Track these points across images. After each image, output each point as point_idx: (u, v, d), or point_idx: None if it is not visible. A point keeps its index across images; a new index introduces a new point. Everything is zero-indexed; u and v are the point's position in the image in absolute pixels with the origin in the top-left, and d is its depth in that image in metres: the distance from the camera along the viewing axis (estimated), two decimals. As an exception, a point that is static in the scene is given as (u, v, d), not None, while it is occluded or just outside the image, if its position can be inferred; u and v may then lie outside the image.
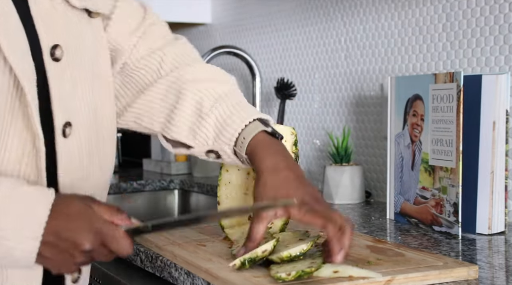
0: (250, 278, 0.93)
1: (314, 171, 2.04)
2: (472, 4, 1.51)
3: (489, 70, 1.48)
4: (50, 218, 0.84)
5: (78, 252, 0.84)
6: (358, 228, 1.38)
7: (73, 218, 0.85)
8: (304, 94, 2.08)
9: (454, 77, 1.27)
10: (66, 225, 0.84)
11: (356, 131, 1.87)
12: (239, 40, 2.42)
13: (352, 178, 1.70)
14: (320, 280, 0.91)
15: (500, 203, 1.29)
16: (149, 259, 1.18)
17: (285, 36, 2.16)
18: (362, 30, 1.84)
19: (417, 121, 1.39)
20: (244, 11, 2.39)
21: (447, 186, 1.29)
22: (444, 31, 1.59)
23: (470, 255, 1.12)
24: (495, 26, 1.46)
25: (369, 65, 1.82)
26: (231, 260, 0.99)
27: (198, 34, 2.72)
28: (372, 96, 1.82)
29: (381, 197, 1.78)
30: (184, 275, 1.06)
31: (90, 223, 0.85)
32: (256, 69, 2.20)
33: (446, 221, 1.29)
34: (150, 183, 2.26)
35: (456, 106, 1.26)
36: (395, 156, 1.47)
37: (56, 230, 0.83)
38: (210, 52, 2.15)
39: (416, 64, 1.67)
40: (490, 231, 1.28)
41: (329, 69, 1.97)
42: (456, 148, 1.26)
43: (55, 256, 0.85)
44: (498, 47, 1.45)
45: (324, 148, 2.00)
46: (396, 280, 0.92)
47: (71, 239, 0.84)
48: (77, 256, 0.85)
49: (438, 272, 0.95)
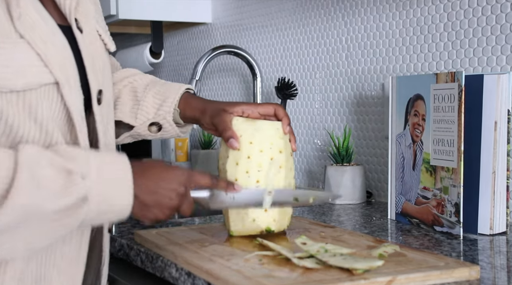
0: (250, 278, 0.93)
1: (315, 171, 2.03)
2: (474, 4, 1.51)
3: (490, 69, 1.47)
4: (138, 175, 0.93)
5: (175, 195, 0.96)
6: (359, 229, 1.37)
7: (159, 170, 0.97)
8: (305, 94, 2.08)
9: (456, 77, 1.27)
10: (157, 175, 0.96)
11: (357, 131, 1.87)
12: (240, 39, 2.42)
13: (353, 178, 1.70)
14: (320, 280, 0.91)
15: (502, 203, 1.29)
16: (149, 259, 1.17)
17: (286, 36, 2.16)
18: (363, 30, 1.83)
19: (418, 121, 1.38)
20: (245, 10, 2.38)
21: (448, 186, 1.28)
22: (446, 31, 1.58)
23: (472, 256, 1.12)
24: (497, 26, 1.45)
25: (370, 65, 1.82)
26: (232, 260, 0.99)
27: (199, 34, 2.71)
28: (373, 96, 1.82)
29: (382, 197, 1.78)
30: (185, 275, 1.05)
31: (179, 173, 0.98)
32: (257, 68, 2.19)
33: (448, 221, 1.29)
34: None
35: (458, 106, 1.26)
36: (396, 156, 1.47)
37: (146, 183, 0.95)
38: (211, 51, 2.15)
39: (418, 63, 1.66)
40: (491, 232, 1.28)
41: (330, 69, 1.97)
42: (457, 148, 1.26)
43: (153, 204, 0.95)
44: (500, 46, 1.45)
45: (325, 148, 1.99)
46: (397, 280, 0.92)
47: (167, 187, 0.96)
48: (173, 200, 0.96)
49: (439, 273, 0.95)
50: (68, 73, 0.95)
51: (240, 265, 1.00)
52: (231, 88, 2.50)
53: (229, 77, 2.51)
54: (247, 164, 1.15)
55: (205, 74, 2.65)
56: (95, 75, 1.02)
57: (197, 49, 2.74)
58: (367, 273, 0.93)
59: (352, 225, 1.41)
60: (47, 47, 0.92)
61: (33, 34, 0.91)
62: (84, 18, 1.02)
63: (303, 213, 1.56)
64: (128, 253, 1.26)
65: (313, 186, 2.04)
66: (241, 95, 2.43)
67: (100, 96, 1.03)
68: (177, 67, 2.92)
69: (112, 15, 2.48)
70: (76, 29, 1.00)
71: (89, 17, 1.04)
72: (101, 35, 1.08)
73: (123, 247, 1.28)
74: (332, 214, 1.55)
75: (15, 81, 0.88)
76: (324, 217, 1.52)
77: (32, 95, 0.91)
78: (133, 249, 1.24)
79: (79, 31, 1.01)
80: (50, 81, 0.92)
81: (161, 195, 0.96)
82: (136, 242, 1.26)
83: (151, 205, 0.95)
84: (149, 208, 0.95)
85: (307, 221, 1.37)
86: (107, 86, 1.07)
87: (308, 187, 2.06)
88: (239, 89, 2.45)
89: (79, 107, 0.96)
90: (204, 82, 2.67)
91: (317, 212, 1.59)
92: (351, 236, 1.21)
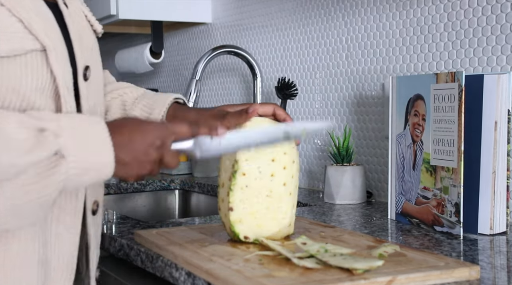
0: (250, 278, 0.93)
1: (315, 171, 2.03)
2: (474, 4, 1.51)
3: (490, 69, 1.47)
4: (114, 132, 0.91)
5: (153, 149, 0.94)
6: (359, 229, 1.37)
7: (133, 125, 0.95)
8: (305, 94, 2.08)
9: (456, 77, 1.27)
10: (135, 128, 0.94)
11: (357, 131, 1.87)
12: (240, 39, 2.42)
13: (353, 178, 1.70)
14: (320, 280, 0.91)
15: (502, 203, 1.28)
16: (149, 259, 1.17)
17: (286, 36, 2.16)
18: (364, 30, 1.83)
19: (418, 121, 1.38)
20: (245, 10, 2.38)
21: (448, 186, 1.28)
22: (446, 31, 1.58)
23: (472, 256, 1.12)
24: (497, 26, 1.45)
25: (371, 65, 1.82)
26: (232, 260, 0.99)
27: (199, 34, 2.71)
28: (373, 96, 1.82)
29: (382, 197, 1.78)
30: (185, 275, 1.05)
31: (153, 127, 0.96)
32: (257, 68, 2.19)
33: (448, 221, 1.29)
34: (150, 183, 2.26)
35: (458, 106, 1.26)
36: (396, 156, 1.47)
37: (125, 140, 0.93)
38: (211, 51, 2.15)
39: (418, 63, 1.66)
40: (491, 232, 1.28)
41: (330, 69, 1.97)
42: (457, 148, 1.26)
43: (131, 160, 0.93)
44: (500, 46, 1.45)
45: (325, 148, 1.99)
46: (397, 280, 0.92)
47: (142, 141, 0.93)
48: (151, 154, 0.94)
49: (439, 272, 0.95)
50: (55, 42, 0.94)
51: (240, 265, 1.00)
52: (231, 88, 2.50)
53: (229, 77, 2.51)
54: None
55: (205, 74, 2.65)
56: (81, 51, 1.01)
57: (197, 49, 2.74)
58: (367, 273, 0.93)
59: (352, 225, 1.41)
60: (29, 15, 0.92)
61: (14, 2, 0.91)
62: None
63: (303, 213, 1.56)
64: (128, 253, 1.26)
65: (313, 186, 2.04)
66: (241, 95, 2.43)
67: (86, 72, 1.02)
68: (177, 67, 2.92)
69: (112, 15, 2.48)
70: (62, 4, 1.01)
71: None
72: (86, 16, 1.08)
73: (123, 247, 1.28)
74: (332, 214, 1.55)
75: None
76: (324, 217, 1.52)
77: (16, 63, 0.90)
78: (133, 249, 1.24)
79: (65, 7, 1.01)
80: (35, 47, 0.92)
81: (137, 151, 0.93)
82: (136, 242, 1.25)
83: (130, 162, 0.93)
84: (129, 165, 0.93)
85: (307, 221, 1.37)
86: (95, 65, 1.06)
87: (308, 187, 2.06)
88: (239, 89, 2.45)
89: (65, 78, 0.96)
90: (204, 82, 2.67)
91: (317, 212, 1.59)
92: (351, 236, 1.21)
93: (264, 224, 1.15)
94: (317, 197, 1.84)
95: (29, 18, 0.92)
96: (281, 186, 1.15)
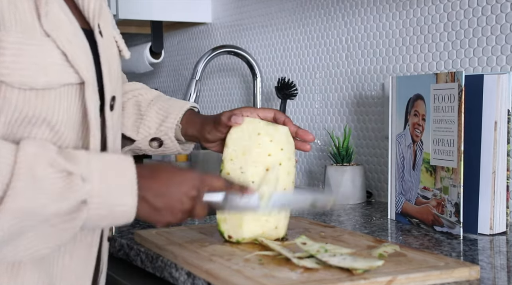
0: (250, 278, 0.93)
1: (315, 171, 2.03)
2: (474, 4, 1.51)
3: (490, 69, 1.47)
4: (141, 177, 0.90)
5: (187, 198, 0.94)
6: (359, 228, 1.37)
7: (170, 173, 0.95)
8: (305, 94, 2.08)
9: (456, 77, 1.27)
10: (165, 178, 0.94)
11: (357, 131, 1.87)
12: (240, 39, 2.42)
13: (353, 178, 1.70)
14: (320, 280, 0.91)
15: (502, 203, 1.28)
16: (149, 259, 1.17)
17: (286, 36, 2.16)
18: (363, 30, 1.83)
19: (418, 121, 1.38)
20: (245, 10, 2.38)
21: (448, 186, 1.28)
22: (446, 31, 1.58)
23: (472, 256, 1.12)
24: (497, 26, 1.45)
25: (370, 65, 1.82)
26: (232, 260, 0.99)
27: (199, 34, 2.71)
28: (373, 96, 1.82)
29: (382, 197, 1.78)
30: (185, 275, 1.05)
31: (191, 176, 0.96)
32: (256, 68, 2.19)
33: (448, 221, 1.29)
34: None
35: (458, 106, 1.26)
36: (396, 156, 1.47)
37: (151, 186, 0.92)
38: (211, 51, 2.15)
39: (418, 63, 1.66)
40: (491, 232, 1.28)
41: (330, 69, 1.97)
42: (457, 148, 1.26)
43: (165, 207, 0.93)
44: (500, 46, 1.45)
45: (325, 148, 1.99)
46: (397, 280, 0.92)
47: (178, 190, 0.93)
48: (185, 203, 0.94)
49: (439, 272, 0.95)
50: (92, 75, 0.94)
51: (240, 265, 1.00)
52: (231, 88, 2.50)
53: (229, 77, 2.51)
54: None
55: (205, 74, 2.65)
56: (110, 81, 1.01)
57: (197, 49, 2.74)
58: (367, 273, 0.93)
59: (352, 225, 1.41)
60: (72, 47, 0.91)
61: (59, 33, 0.90)
62: (104, 23, 1.02)
63: (303, 213, 1.56)
64: (128, 253, 1.26)
65: (313, 186, 2.04)
66: (241, 95, 2.43)
67: (113, 102, 1.02)
68: (177, 67, 2.92)
69: (112, 15, 2.48)
70: (98, 34, 1.00)
71: (108, 23, 1.05)
72: (117, 42, 1.08)
73: (123, 247, 1.28)
74: (332, 214, 1.55)
75: (36, 78, 0.87)
76: (324, 217, 1.52)
77: (51, 95, 0.90)
78: (133, 249, 1.24)
79: (100, 36, 1.00)
80: (73, 81, 0.91)
81: (172, 198, 0.93)
82: (136, 242, 1.25)
83: (162, 208, 0.93)
84: (160, 212, 0.93)
85: (307, 221, 1.37)
86: (119, 93, 1.06)
87: (308, 187, 2.06)
88: (239, 89, 2.45)
89: (95, 111, 0.95)
90: (204, 82, 2.67)
91: (317, 212, 1.59)
92: (351, 236, 1.21)
93: (246, 225, 1.14)
94: (317, 197, 1.84)
95: (72, 50, 0.91)
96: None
